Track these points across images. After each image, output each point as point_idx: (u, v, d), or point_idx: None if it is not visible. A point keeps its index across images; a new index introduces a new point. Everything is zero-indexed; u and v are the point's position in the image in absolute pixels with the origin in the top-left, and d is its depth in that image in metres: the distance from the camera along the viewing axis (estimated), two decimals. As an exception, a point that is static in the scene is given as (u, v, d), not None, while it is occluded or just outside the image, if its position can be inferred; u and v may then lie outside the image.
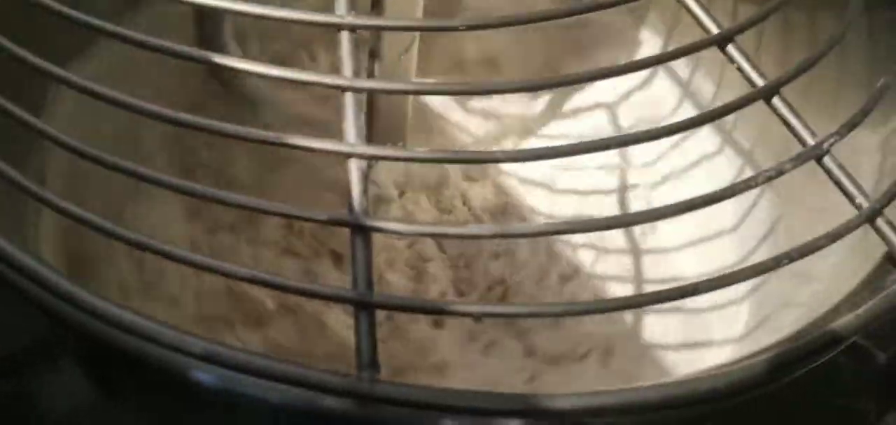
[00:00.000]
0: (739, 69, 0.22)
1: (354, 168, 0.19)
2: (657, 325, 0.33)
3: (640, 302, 0.19)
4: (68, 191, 0.30)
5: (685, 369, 0.33)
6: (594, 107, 0.44)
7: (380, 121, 0.37)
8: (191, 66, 0.31)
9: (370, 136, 0.37)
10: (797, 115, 0.21)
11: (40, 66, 0.20)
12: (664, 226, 0.38)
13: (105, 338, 0.18)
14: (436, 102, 0.43)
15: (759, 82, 0.21)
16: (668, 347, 0.33)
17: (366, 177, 0.19)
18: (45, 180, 0.31)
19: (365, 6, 0.33)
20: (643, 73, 0.43)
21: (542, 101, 0.44)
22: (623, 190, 0.41)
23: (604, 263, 0.36)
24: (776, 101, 0.21)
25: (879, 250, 0.21)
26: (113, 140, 0.31)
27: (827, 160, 0.21)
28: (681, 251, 0.38)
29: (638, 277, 0.37)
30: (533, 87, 0.22)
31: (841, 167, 0.21)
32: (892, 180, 0.21)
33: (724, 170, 0.39)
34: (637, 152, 0.41)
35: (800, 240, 0.20)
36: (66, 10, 0.20)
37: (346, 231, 0.18)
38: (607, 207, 0.40)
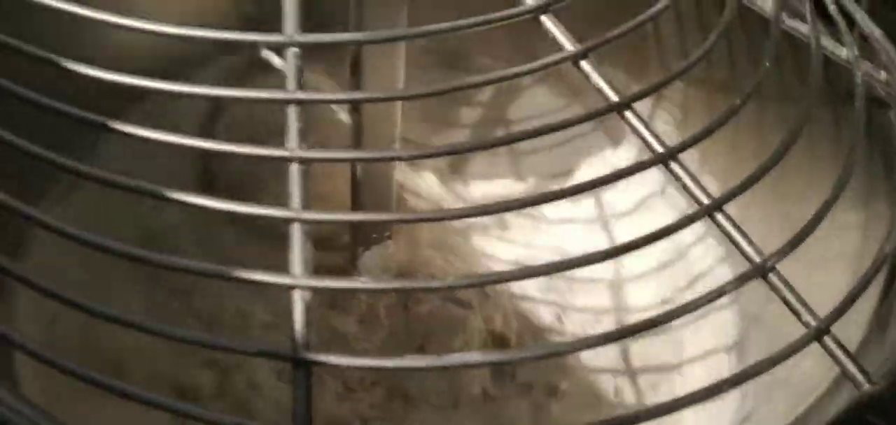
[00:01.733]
0: (684, 186, 0.22)
1: (298, 300, 0.19)
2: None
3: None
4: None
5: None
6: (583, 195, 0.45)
7: (365, 195, 0.37)
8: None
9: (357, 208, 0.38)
10: (740, 231, 0.21)
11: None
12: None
13: None
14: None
15: (703, 199, 0.22)
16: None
17: (308, 310, 0.19)
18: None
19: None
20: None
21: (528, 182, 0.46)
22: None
23: (586, 380, 0.37)
24: (719, 217, 0.21)
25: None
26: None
27: (772, 277, 0.21)
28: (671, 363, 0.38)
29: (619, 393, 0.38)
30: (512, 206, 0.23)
31: (786, 284, 0.21)
32: (842, 296, 0.21)
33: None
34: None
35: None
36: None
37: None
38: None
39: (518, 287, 0.40)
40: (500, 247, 0.44)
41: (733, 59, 0.35)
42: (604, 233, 0.43)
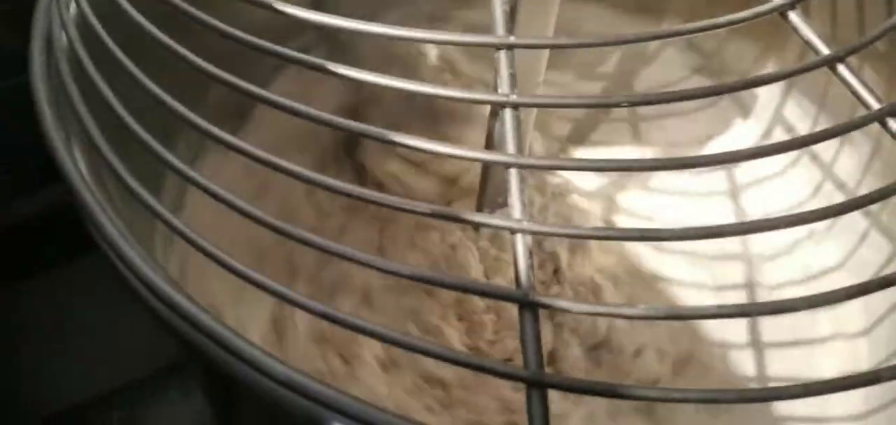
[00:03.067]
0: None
1: (520, 244, 0.19)
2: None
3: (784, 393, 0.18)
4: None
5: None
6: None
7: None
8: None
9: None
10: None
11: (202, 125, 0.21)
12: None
13: (235, 374, 0.19)
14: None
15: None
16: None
17: (531, 254, 0.19)
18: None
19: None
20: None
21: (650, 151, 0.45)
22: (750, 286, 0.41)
23: (733, 352, 0.36)
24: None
25: None
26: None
27: None
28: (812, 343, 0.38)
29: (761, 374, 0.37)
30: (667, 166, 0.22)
31: None
32: None
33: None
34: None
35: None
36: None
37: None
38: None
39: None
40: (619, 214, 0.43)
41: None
42: (732, 206, 0.43)
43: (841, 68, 0.22)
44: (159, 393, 0.42)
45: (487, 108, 0.34)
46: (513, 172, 0.20)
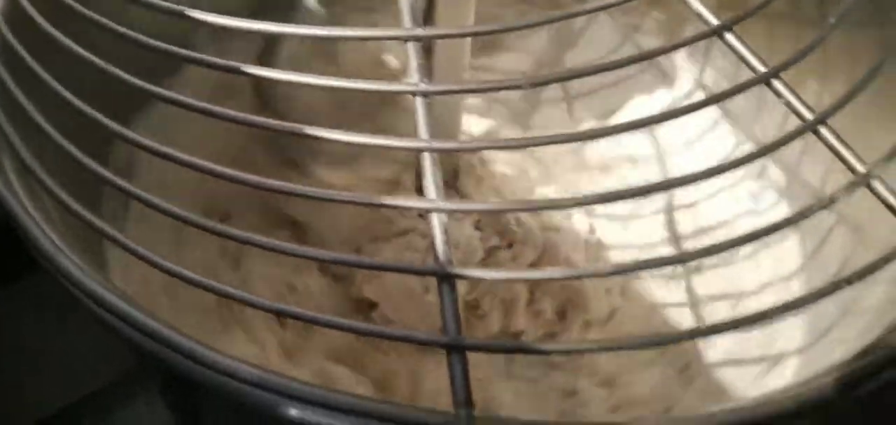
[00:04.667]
0: (787, 104, 0.23)
1: (436, 222, 0.20)
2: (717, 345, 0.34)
3: (705, 332, 0.20)
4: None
5: (746, 387, 0.34)
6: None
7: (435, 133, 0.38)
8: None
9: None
10: (844, 143, 0.22)
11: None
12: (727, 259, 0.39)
13: (192, 376, 0.20)
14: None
15: (807, 115, 0.22)
16: (729, 364, 0.34)
17: (446, 230, 0.20)
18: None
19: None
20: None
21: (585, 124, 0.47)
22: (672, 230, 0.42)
23: (669, 294, 0.38)
24: (823, 130, 0.22)
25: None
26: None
27: (877, 185, 0.22)
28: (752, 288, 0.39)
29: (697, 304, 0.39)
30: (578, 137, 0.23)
31: (892, 191, 0.22)
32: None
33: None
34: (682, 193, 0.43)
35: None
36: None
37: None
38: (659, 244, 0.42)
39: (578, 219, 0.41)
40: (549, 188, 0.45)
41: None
42: (659, 169, 0.44)
43: (775, 83, 0.23)
44: (126, 401, 0.43)
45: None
46: (426, 156, 0.21)
